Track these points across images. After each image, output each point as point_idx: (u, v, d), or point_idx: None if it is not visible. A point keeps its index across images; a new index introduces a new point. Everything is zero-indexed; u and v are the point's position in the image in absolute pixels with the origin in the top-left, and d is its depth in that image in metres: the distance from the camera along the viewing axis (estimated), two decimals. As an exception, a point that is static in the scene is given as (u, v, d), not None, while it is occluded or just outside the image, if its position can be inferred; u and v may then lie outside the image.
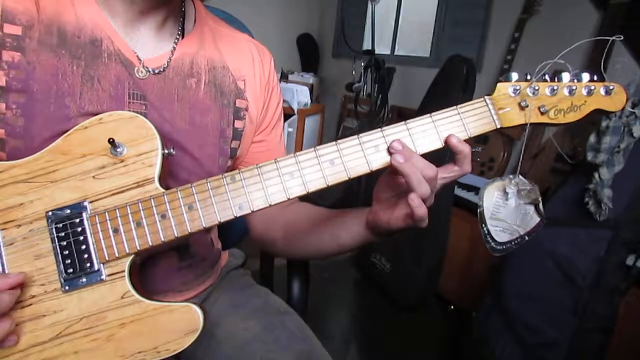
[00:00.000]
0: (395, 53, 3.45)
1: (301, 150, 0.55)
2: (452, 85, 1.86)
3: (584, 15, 2.06)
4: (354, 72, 2.70)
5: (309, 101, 3.31)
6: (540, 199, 0.61)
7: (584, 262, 1.15)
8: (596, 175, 1.12)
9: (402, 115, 3.08)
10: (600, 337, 1.17)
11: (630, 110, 1.05)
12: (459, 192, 1.98)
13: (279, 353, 0.66)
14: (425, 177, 0.52)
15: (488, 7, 2.61)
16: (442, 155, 0.56)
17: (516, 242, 0.62)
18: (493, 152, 2.24)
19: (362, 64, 2.62)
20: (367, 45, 2.84)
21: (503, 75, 0.56)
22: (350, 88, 2.71)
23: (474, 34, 2.70)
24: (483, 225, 0.62)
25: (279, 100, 0.80)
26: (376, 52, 2.61)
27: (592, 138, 1.14)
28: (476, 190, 1.97)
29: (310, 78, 3.47)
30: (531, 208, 0.61)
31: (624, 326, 1.22)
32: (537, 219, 0.61)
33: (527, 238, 0.62)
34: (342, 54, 3.72)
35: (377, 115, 2.65)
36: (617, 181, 1.11)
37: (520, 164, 0.63)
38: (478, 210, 0.62)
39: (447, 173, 0.55)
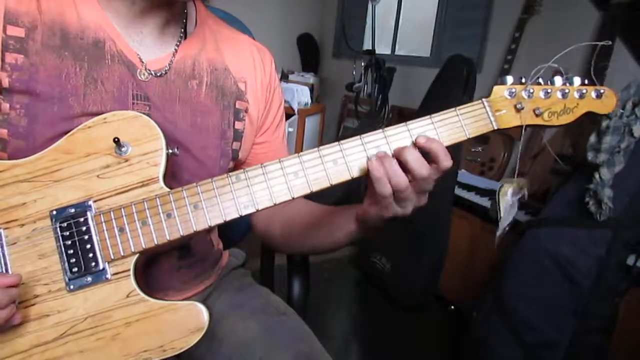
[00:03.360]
0: (395, 53, 3.44)
1: (302, 150, 0.55)
2: (452, 85, 1.86)
3: (584, 15, 2.06)
4: (354, 72, 2.70)
5: (310, 101, 3.31)
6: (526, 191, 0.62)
7: (584, 262, 1.16)
8: (596, 175, 1.12)
9: (403, 115, 3.08)
10: (600, 337, 1.17)
11: (625, 119, 1.06)
12: (459, 191, 1.97)
13: (279, 353, 0.66)
14: (393, 186, 0.52)
15: (488, 7, 2.61)
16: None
17: (502, 234, 0.64)
18: (493, 152, 2.24)
19: (363, 64, 2.62)
20: (367, 45, 2.84)
21: (501, 76, 0.57)
22: (351, 88, 2.71)
23: (474, 34, 2.70)
24: (498, 233, 0.63)
25: (281, 102, 0.80)
26: (376, 52, 2.61)
27: (592, 138, 1.14)
28: (476, 190, 1.97)
29: (310, 78, 3.47)
30: (516, 200, 0.62)
31: (624, 326, 1.22)
32: (516, 209, 0.62)
33: (506, 229, 0.63)
34: (342, 54, 3.72)
35: (378, 115, 2.65)
36: (617, 181, 1.11)
37: (517, 164, 0.63)
38: (500, 224, 0.62)
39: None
